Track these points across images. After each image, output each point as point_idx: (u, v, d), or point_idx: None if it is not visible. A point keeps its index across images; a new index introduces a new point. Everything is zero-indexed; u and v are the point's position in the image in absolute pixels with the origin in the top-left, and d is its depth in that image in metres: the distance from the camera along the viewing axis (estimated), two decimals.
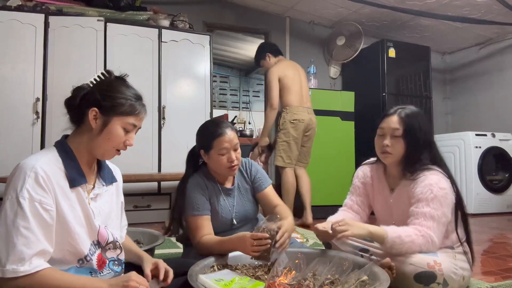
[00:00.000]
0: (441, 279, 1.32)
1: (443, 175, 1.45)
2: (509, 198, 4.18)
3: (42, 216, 0.93)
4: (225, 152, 1.55)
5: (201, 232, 1.53)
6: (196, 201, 1.58)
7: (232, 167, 1.57)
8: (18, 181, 0.93)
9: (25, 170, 0.95)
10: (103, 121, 1.06)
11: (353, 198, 1.72)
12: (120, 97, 1.07)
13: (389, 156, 1.51)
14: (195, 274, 1.20)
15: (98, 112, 1.05)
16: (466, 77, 5.33)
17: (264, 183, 1.70)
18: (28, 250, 0.89)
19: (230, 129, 1.58)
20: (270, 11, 4.44)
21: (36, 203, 0.92)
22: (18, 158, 3.14)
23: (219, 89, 7.00)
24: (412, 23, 4.51)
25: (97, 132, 1.06)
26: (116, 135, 1.07)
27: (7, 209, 0.91)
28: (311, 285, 1.16)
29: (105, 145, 1.07)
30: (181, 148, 3.43)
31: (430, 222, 1.37)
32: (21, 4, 3.14)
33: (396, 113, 1.52)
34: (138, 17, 3.46)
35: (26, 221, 0.90)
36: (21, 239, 0.88)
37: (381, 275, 1.21)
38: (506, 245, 2.57)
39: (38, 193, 0.93)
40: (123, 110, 1.07)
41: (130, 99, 1.08)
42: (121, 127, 1.08)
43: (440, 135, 4.57)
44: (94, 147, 1.08)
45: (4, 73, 2.97)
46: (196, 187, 1.62)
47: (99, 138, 1.06)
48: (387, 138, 1.50)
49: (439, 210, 1.38)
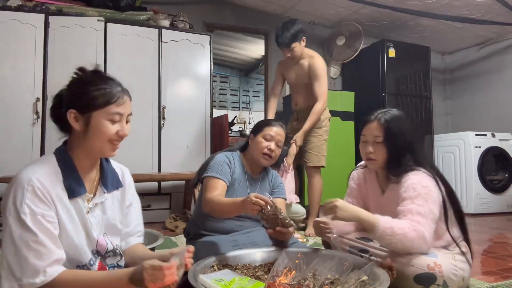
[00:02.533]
0: (441, 281, 1.32)
1: (426, 175, 1.45)
2: (509, 198, 4.18)
3: (47, 228, 0.92)
4: (269, 138, 1.72)
5: (214, 191, 1.60)
6: (221, 167, 1.67)
7: (266, 155, 1.71)
8: (17, 196, 0.91)
9: (23, 183, 0.92)
10: (85, 120, 1.01)
11: (349, 199, 1.76)
12: (92, 90, 1.01)
13: (373, 162, 1.55)
14: (195, 274, 1.20)
15: (76, 112, 1.01)
16: (466, 77, 5.33)
17: (280, 193, 1.83)
18: (41, 263, 0.89)
19: (281, 127, 1.78)
20: (270, 11, 4.44)
21: (39, 217, 0.91)
22: (18, 158, 3.15)
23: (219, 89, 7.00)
24: (412, 23, 4.51)
25: (83, 133, 1.02)
26: (103, 130, 1.02)
27: (11, 225, 0.90)
28: (311, 285, 1.16)
29: (96, 142, 1.03)
30: (181, 148, 3.44)
31: (419, 217, 1.36)
32: (21, 4, 3.14)
33: (376, 119, 1.55)
34: (138, 17, 3.46)
35: (33, 235, 0.89)
36: (32, 253, 0.89)
37: (381, 275, 1.21)
38: (506, 245, 2.57)
39: (39, 207, 0.92)
40: (100, 102, 1.01)
41: (104, 89, 1.02)
42: (105, 120, 1.02)
43: (440, 135, 4.57)
44: (88, 149, 1.04)
45: (4, 73, 2.97)
46: (225, 158, 1.73)
47: (88, 138, 1.02)
48: (370, 145, 1.54)
49: (425, 207, 1.37)
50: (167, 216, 3.26)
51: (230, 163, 1.72)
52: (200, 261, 1.34)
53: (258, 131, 1.76)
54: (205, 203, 1.60)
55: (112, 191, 1.14)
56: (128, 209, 1.20)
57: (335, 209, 1.36)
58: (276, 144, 1.73)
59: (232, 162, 1.74)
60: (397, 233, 1.31)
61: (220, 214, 1.58)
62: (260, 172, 1.82)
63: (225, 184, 1.65)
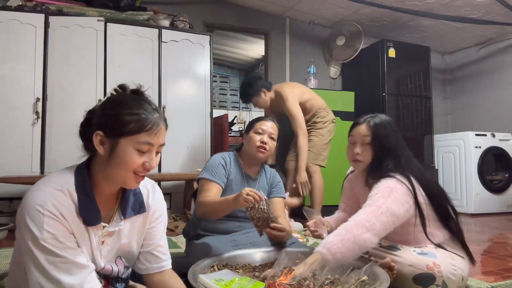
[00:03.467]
0: (440, 281, 1.32)
1: (397, 180, 1.43)
2: (509, 198, 4.18)
3: (71, 247, 0.89)
4: (261, 132, 1.73)
5: (207, 194, 1.61)
6: (215, 169, 1.68)
7: (260, 148, 1.71)
8: (34, 220, 0.86)
9: (38, 208, 0.86)
10: (110, 145, 0.92)
11: (345, 200, 1.79)
12: (124, 114, 0.92)
13: (359, 164, 1.56)
14: (195, 274, 1.20)
15: (103, 135, 0.92)
16: (466, 77, 5.33)
17: (278, 193, 1.83)
18: (76, 280, 0.87)
19: (272, 121, 1.80)
20: (270, 11, 4.44)
21: (62, 239, 0.88)
22: (18, 158, 3.15)
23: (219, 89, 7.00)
24: (412, 23, 4.51)
25: (106, 158, 0.93)
26: (128, 159, 0.92)
27: (33, 250, 0.85)
28: (311, 285, 1.16)
29: (119, 172, 0.93)
30: (181, 148, 3.44)
31: (367, 208, 1.36)
32: (21, 4, 3.14)
33: (365, 122, 1.58)
34: (138, 17, 3.46)
35: (60, 257, 0.87)
36: (64, 273, 0.86)
37: (381, 275, 1.21)
38: (506, 245, 2.57)
39: (59, 229, 0.88)
40: (130, 128, 0.91)
41: (138, 114, 0.93)
42: (132, 149, 0.92)
43: (440, 135, 4.57)
44: (110, 177, 0.96)
45: (4, 73, 2.97)
46: (221, 159, 1.73)
47: (110, 165, 0.93)
48: (357, 146, 1.56)
49: (380, 201, 1.36)
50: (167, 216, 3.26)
51: (225, 164, 1.72)
52: (200, 261, 1.34)
53: (250, 128, 1.79)
54: (197, 206, 1.61)
55: (131, 217, 1.05)
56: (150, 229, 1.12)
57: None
58: (269, 136, 1.74)
59: (228, 162, 1.74)
60: (337, 241, 1.28)
61: (213, 215, 1.57)
62: (258, 171, 1.82)
63: (219, 187, 1.65)
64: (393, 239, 1.51)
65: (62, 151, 3.01)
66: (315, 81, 4.30)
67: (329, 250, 1.27)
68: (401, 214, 1.38)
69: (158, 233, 1.13)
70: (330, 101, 3.96)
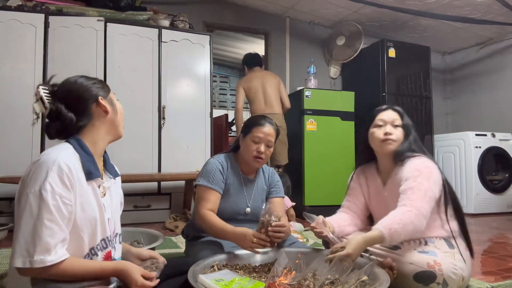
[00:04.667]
0: (440, 279, 1.32)
1: (429, 159, 1.54)
2: (509, 198, 4.18)
3: (61, 209, 0.95)
4: (258, 140, 1.66)
5: (207, 204, 1.59)
6: (212, 175, 1.65)
7: (257, 158, 1.66)
8: (41, 174, 0.94)
9: (48, 163, 0.96)
10: (109, 102, 1.15)
11: (349, 199, 1.77)
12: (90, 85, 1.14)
13: (392, 143, 1.60)
14: (195, 274, 1.20)
15: (103, 98, 1.13)
16: (466, 77, 5.33)
17: (277, 193, 1.81)
18: (52, 240, 0.92)
19: (271, 126, 1.70)
20: (270, 11, 4.44)
21: (57, 196, 0.94)
22: (18, 158, 3.15)
23: (219, 89, 7.01)
24: (412, 23, 4.51)
25: (113, 114, 1.14)
26: (118, 107, 1.19)
27: (31, 202, 0.93)
28: (311, 285, 1.16)
29: (118, 119, 1.17)
30: (181, 148, 3.44)
31: (417, 193, 1.41)
32: (21, 4, 3.14)
33: (390, 108, 1.68)
34: (138, 17, 3.46)
35: (49, 213, 0.93)
36: (46, 231, 0.92)
37: (381, 275, 1.21)
38: (506, 245, 2.57)
39: (59, 187, 0.95)
40: (106, 88, 1.18)
41: (95, 83, 1.16)
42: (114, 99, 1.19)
43: (440, 135, 4.57)
44: (115, 129, 1.16)
45: (4, 73, 2.97)
46: (217, 163, 1.70)
47: (115, 118, 1.15)
48: (389, 126, 1.61)
49: (425, 184, 1.43)
50: (167, 216, 3.26)
51: (223, 169, 1.69)
52: (200, 261, 1.34)
53: (247, 132, 1.70)
54: (197, 217, 1.60)
55: (115, 178, 1.20)
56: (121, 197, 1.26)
57: (348, 258, 1.31)
58: (266, 145, 1.67)
59: (226, 167, 1.71)
60: (399, 227, 1.34)
61: (210, 234, 1.58)
62: (255, 172, 1.80)
63: (218, 194, 1.64)
64: None
65: None
66: (315, 81, 4.29)
67: (391, 236, 1.33)
68: (437, 196, 1.46)
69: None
70: (330, 101, 3.97)
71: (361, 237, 1.35)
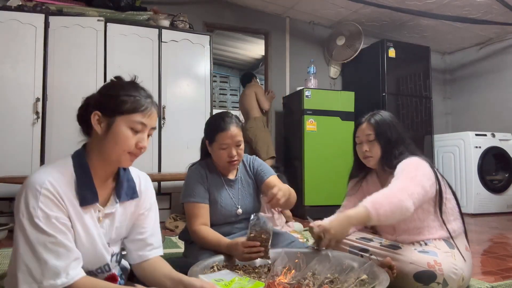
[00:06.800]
0: (441, 279, 1.32)
1: (418, 157, 1.53)
2: (509, 198, 4.18)
3: (62, 230, 0.91)
4: (226, 147, 1.59)
5: (197, 220, 1.57)
6: (194, 189, 1.62)
7: (232, 162, 1.61)
8: (30, 199, 0.89)
9: (35, 186, 0.90)
10: (107, 123, 0.98)
11: (350, 199, 1.77)
12: (122, 94, 0.99)
13: (370, 159, 1.63)
14: (195, 274, 1.20)
15: (100, 115, 0.98)
16: (466, 77, 5.33)
17: (266, 174, 1.73)
18: (61, 263, 0.88)
19: (234, 125, 1.60)
20: (270, 11, 4.44)
21: (53, 220, 0.90)
22: (18, 158, 3.15)
23: (219, 89, 7.00)
24: (412, 23, 4.51)
25: (103, 136, 0.99)
26: (123, 137, 0.98)
27: (26, 228, 0.88)
28: (311, 284, 1.16)
29: (114, 150, 0.99)
30: (181, 148, 3.44)
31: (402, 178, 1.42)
32: (21, 4, 3.14)
33: (366, 121, 1.67)
34: (138, 17, 3.46)
35: (50, 237, 0.89)
36: (51, 254, 0.88)
37: (381, 274, 1.21)
38: (506, 245, 2.57)
39: (53, 210, 0.90)
40: (126, 107, 0.98)
41: (134, 96, 1.00)
42: (127, 128, 0.99)
43: (440, 135, 4.57)
44: (105, 155, 1.01)
45: (4, 73, 2.97)
46: (196, 176, 1.66)
47: (107, 143, 0.99)
48: (365, 145, 1.64)
49: (412, 172, 1.44)
50: (167, 216, 3.27)
51: (202, 179, 1.65)
52: (200, 262, 1.34)
53: (212, 140, 1.61)
54: (192, 235, 1.58)
55: (125, 202, 1.09)
56: (142, 216, 1.15)
57: (326, 233, 1.33)
58: (235, 146, 1.59)
59: (204, 176, 1.66)
60: (383, 199, 1.33)
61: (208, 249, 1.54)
62: (236, 169, 1.75)
63: (205, 205, 1.61)
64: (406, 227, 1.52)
65: (62, 151, 3.00)
66: (315, 81, 4.29)
67: (376, 210, 1.30)
68: (427, 188, 1.42)
69: (151, 221, 1.17)
70: (330, 101, 3.97)
71: (343, 214, 1.34)
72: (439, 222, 1.50)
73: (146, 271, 1.13)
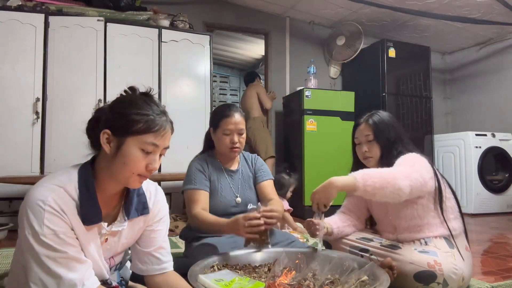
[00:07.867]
0: (441, 279, 1.32)
1: (415, 153, 1.54)
2: (509, 198, 4.18)
3: (71, 243, 0.90)
4: (229, 132, 1.66)
5: (197, 205, 1.60)
6: (194, 177, 1.67)
7: (233, 149, 1.67)
8: (35, 216, 0.86)
9: (39, 203, 0.87)
10: (117, 144, 0.93)
11: (350, 199, 1.78)
12: (133, 113, 0.94)
13: (371, 159, 1.63)
14: (195, 274, 1.20)
15: (110, 134, 0.94)
16: (466, 77, 5.33)
17: (264, 176, 1.79)
18: (75, 275, 0.87)
19: (238, 113, 1.69)
20: (270, 11, 4.44)
21: (62, 235, 0.88)
22: (18, 158, 3.14)
23: (219, 89, 7.00)
24: (412, 23, 4.51)
25: (111, 157, 0.94)
26: (132, 159, 0.93)
27: (33, 245, 0.85)
28: (311, 285, 1.15)
29: (123, 171, 0.94)
30: (181, 148, 3.44)
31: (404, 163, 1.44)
32: (21, 4, 3.13)
33: (364, 122, 1.67)
34: (138, 17, 3.46)
35: (60, 253, 0.87)
36: (64, 268, 0.86)
37: (381, 275, 1.21)
38: (506, 245, 2.57)
39: (60, 226, 0.88)
40: (137, 128, 0.93)
41: (146, 115, 0.94)
42: (138, 148, 0.94)
43: (440, 135, 4.57)
44: (113, 176, 0.96)
45: (4, 73, 2.97)
46: (197, 164, 1.72)
47: (115, 163, 0.94)
48: (364, 145, 1.64)
49: (410, 161, 1.47)
50: None
51: (203, 169, 1.70)
52: (200, 261, 1.34)
53: (217, 126, 1.69)
54: (190, 218, 1.61)
55: (134, 218, 1.06)
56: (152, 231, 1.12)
57: (312, 197, 1.36)
58: (238, 133, 1.67)
59: (205, 165, 1.72)
60: (374, 173, 1.33)
61: (209, 232, 1.58)
62: (238, 162, 1.80)
63: (205, 192, 1.65)
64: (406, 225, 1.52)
65: (62, 151, 3.01)
66: (315, 81, 4.29)
67: (364, 180, 1.29)
68: (426, 179, 1.42)
69: (161, 235, 1.14)
70: (330, 101, 3.97)
71: (328, 180, 1.33)
72: (440, 220, 1.50)
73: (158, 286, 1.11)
